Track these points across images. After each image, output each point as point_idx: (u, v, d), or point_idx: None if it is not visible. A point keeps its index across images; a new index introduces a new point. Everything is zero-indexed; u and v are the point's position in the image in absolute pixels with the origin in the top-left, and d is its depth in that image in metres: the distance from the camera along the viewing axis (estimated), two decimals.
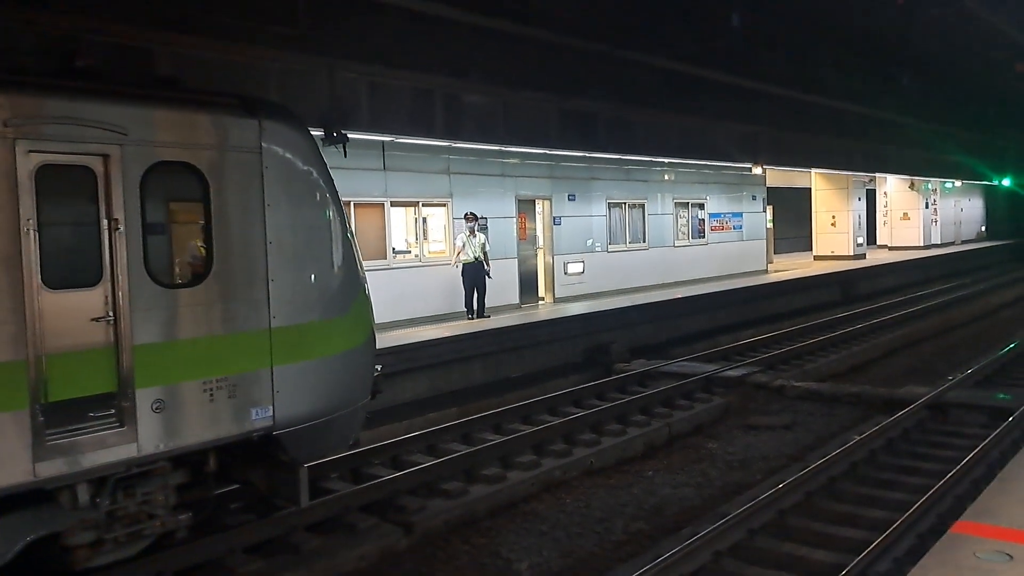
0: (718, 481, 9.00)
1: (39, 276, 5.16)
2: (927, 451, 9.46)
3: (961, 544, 4.64)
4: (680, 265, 22.51)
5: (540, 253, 18.76)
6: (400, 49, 11.04)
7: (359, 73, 11.17)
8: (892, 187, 35.26)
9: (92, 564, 5.73)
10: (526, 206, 18.19)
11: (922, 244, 34.80)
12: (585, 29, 12.49)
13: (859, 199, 30.11)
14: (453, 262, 15.54)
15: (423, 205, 15.95)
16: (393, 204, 15.31)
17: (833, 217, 29.83)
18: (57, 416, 5.20)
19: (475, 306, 15.52)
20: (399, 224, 15.96)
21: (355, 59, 10.73)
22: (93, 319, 5.41)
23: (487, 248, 15.52)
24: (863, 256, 30.04)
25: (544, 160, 18.03)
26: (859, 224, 30.14)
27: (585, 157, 18.54)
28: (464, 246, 15.31)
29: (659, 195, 22.06)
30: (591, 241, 19.69)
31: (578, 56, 13.32)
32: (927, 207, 35.60)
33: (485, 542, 7.38)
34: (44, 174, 5.20)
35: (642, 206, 21.44)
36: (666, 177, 22.20)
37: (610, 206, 20.39)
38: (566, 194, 18.99)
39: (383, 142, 14.12)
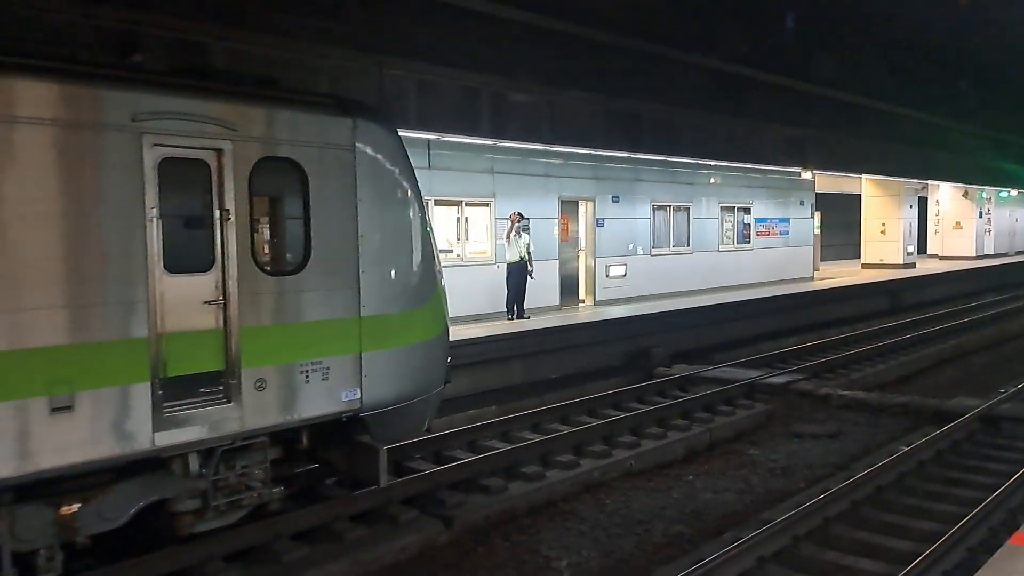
0: (760, 488, 8.86)
1: (161, 261, 5.54)
2: (978, 464, 9.21)
3: (1020, 556, 4.52)
4: (724, 270, 22.26)
5: (582, 255, 18.69)
6: (449, 47, 11.09)
7: (408, 71, 11.25)
8: (945, 195, 34.49)
9: (195, 530, 6.14)
10: (569, 207, 18.14)
11: (975, 254, 33.98)
12: (634, 28, 12.41)
13: (911, 207, 29.51)
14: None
15: (466, 204, 16.00)
16: (437, 203, 15.36)
17: (883, 225, 29.24)
18: (173, 391, 5.61)
19: (515, 307, 15.53)
20: (442, 223, 16.04)
21: (404, 57, 10.81)
22: (205, 302, 5.81)
23: (531, 248, 15.52)
24: (913, 265, 29.43)
25: (588, 161, 17.96)
26: (910, 232, 29.53)
27: (630, 158, 18.43)
28: (510, 241, 15.33)
29: (704, 198, 21.85)
30: (632, 245, 19.56)
31: (626, 56, 13.25)
32: (981, 216, 34.75)
33: (525, 539, 7.37)
34: (165, 166, 5.57)
35: (687, 209, 21.27)
36: (712, 180, 21.97)
37: (654, 209, 20.25)
38: (610, 196, 18.90)
39: (428, 140, 14.20)
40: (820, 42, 15.66)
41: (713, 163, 20.77)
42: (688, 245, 21.33)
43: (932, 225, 36.23)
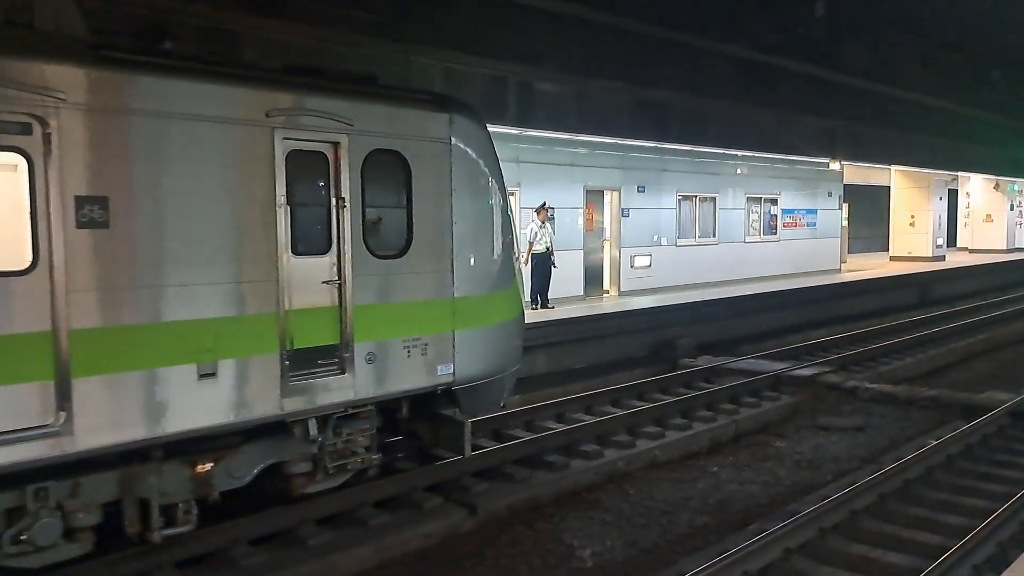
0: (786, 480, 8.81)
1: (288, 244, 6.11)
2: (1008, 458, 9.09)
3: None
4: (750, 261, 22.10)
5: (607, 245, 18.62)
6: (475, 36, 11.07)
7: (435, 59, 11.24)
8: (976, 187, 33.97)
9: (306, 491, 6.72)
10: (594, 197, 18.06)
11: (1005, 247, 33.46)
12: (662, 17, 12.32)
13: (940, 199, 29.09)
14: (525, 256, 15.43)
15: None
16: None
17: (912, 217, 28.87)
18: (297, 362, 6.19)
19: (539, 296, 15.52)
20: None
21: (431, 45, 10.80)
22: (324, 282, 6.39)
23: (554, 238, 15.51)
24: (942, 258, 29.03)
25: (614, 150, 17.86)
26: (939, 225, 29.12)
27: (656, 148, 18.30)
28: (537, 237, 15.32)
29: (731, 189, 21.68)
30: (657, 236, 19.46)
31: (654, 45, 13.16)
32: (1012, 209, 34.21)
33: (548, 528, 7.38)
34: (291, 158, 6.15)
35: (713, 200, 21.11)
36: (739, 171, 21.79)
37: (680, 199, 20.12)
38: (635, 186, 18.79)
39: None
40: (850, 32, 15.45)
41: (740, 153, 20.58)
42: (714, 236, 21.18)
43: (962, 217, 35.71)
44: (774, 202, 23.27)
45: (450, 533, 7.15)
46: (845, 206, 27.00)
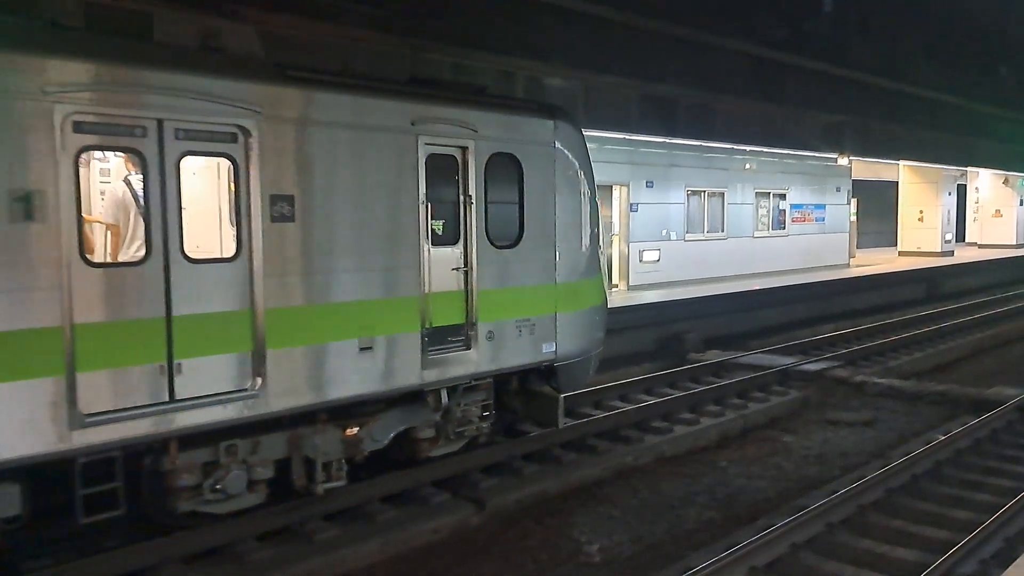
0: (794, 475, 8.81)
1: (428, 236, 7.02)
2: (1017, 453, 9.08)
3: None
4: (759, 256, 22.07)
5: (615, 240, 18.62)
6: (484, 31, 11.06)
7: (443, 55, 11.23)
8: (984, 182, 33.81)
9: (430, 454, 7.62)
10: (602, 192, 18.01)
11: (1015, 243, 33.31)
12: (670, 12, 12.29)
13: (949, 194, 28.98)
14: None
15: None
16: None
17: (921, 212, 28.78)
18: (433, 338, 7.13)
19: None
20: None
21: (440, 41, 10.80)
22: (454, 269, 7.33)
23: None
24: (951, 253, 28.92)
25: (623, 145, 17.84)
26: (948, 220, 29.01)
27: (665, 143, 18.27)
28: None
29: (739, 184, 21.64)
30: (666, 230, 19.44)
31: (662, 40, 13.13)
32: (1021, 204, 34.04)
33: (556, 523, 7.40)
34: (430, 161, 7.06)
35: (722, 195, 21.07)
36: (747, 166, 21.75)
37: (689, 194, 20.09)
38: (644, 181, 18.78)
39: None
40: (858, 27, 15.39)
41: (748, 149, 20.54)
42: (722, 231, 21.16)
43: (971, 213, 35.56)
44: (783, 197, 23.23)
45: (458, 528, 7.17)
46: (853, 201, 26.93)
